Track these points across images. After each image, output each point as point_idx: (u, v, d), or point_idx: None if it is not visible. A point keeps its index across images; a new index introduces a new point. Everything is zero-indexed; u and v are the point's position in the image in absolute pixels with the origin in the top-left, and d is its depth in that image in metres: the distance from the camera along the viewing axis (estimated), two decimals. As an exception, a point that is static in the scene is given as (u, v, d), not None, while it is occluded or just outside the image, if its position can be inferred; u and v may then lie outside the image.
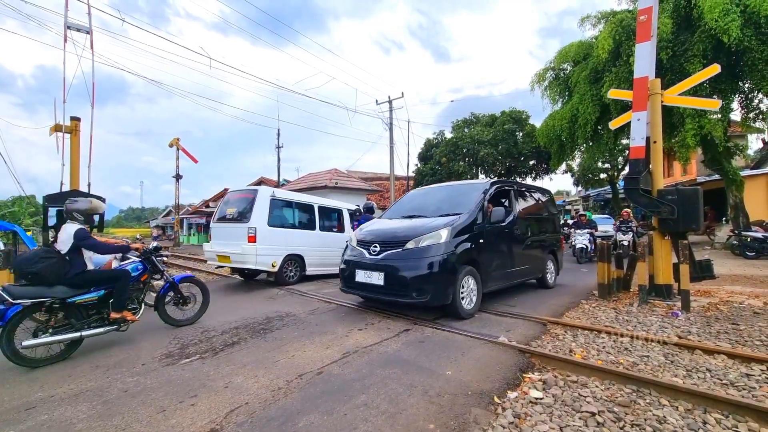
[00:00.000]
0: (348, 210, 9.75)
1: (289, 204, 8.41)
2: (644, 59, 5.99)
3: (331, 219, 9.44)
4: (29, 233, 16.11)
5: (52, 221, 7.06)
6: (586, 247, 12.05)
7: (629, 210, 12.66)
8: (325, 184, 18.01)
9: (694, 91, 8.65)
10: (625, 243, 11.49)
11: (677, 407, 2.65)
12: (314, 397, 2.89)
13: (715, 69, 5.93)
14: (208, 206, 33.22)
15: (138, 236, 30.58)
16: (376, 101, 22.01)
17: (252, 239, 7.25)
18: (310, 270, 8.39)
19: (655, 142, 5.97)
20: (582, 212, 14.21)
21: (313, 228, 8.67)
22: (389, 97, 21.52)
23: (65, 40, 7.32)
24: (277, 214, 7.96)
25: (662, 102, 6.08)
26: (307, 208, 8.74)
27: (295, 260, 8.10)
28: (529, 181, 25.32)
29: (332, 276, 8.70)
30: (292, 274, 8.04)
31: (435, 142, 23.61)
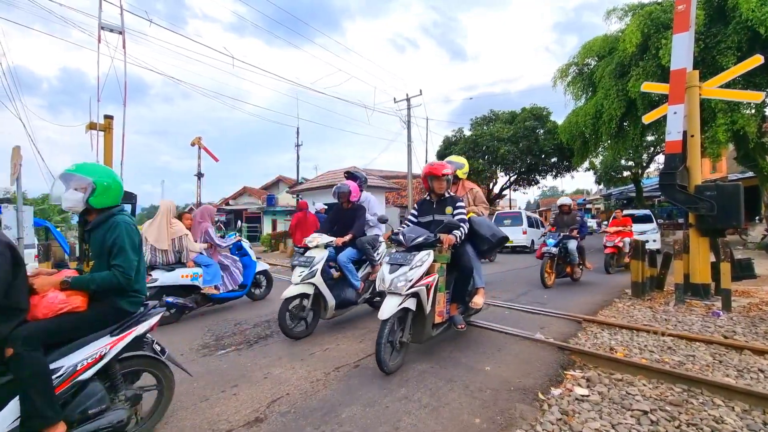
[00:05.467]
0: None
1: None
2: (682, 50, 5.77)
3: None
4: (59, 229, 16.72)
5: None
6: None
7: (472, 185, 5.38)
8: (344, 182, 18.05)
9: (727, 85, 8.33)
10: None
11: (733, 407, 2.54)
12: (354, 389, 2.89)
13: (757, 60, 5.68)
14: (228, 204, 33.75)
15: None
16: (394, 99, 21.97)
17: None
18: None
19: (692, 136, 5.77)
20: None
21: None
22: (407, 95, 21.44)
23: (99, 41, 7.54)
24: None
25: (700, 95, 5.87)
26: None
27: None
28: (549, 179, 24.77)
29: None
30: None
31: (454, 139, 23.35)
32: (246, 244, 6.09)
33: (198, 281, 4.91)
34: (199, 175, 26.01)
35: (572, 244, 7.19)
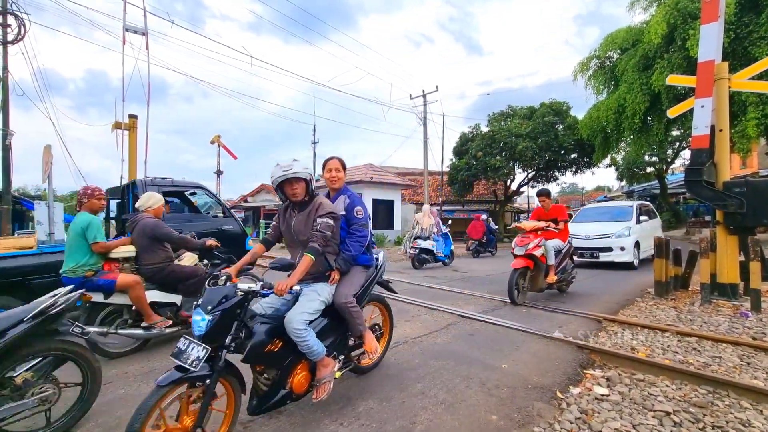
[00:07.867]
0: None
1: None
2: (710, 42, 5.56)
3: None
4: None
5: (112, 213, 7.56)
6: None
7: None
8: (361, 179, 18.06)
9: (759, 77, 7.92)
10: None
11: (761, 411, 2.46)
12: (371, 384, 2.92)
13: (792, 49, 5.43)
14: (246, 201, 34.34)
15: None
16: (410, 96, 21.86)
17: None
18: None
19: (720, 130, 5.55)
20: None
21: None
22: (423, 91, 21.30)
23: (124, 42, 7.78)
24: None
25: (729, 87, 5.64)
26: None
27: None
28: (569, 176, 24.20)
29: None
30: None
31: (470, 136, 23.04)
32: (448, 232, 11.01)
33: (434, 248, 9.93)
34: (219, 173, 26.53)
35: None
